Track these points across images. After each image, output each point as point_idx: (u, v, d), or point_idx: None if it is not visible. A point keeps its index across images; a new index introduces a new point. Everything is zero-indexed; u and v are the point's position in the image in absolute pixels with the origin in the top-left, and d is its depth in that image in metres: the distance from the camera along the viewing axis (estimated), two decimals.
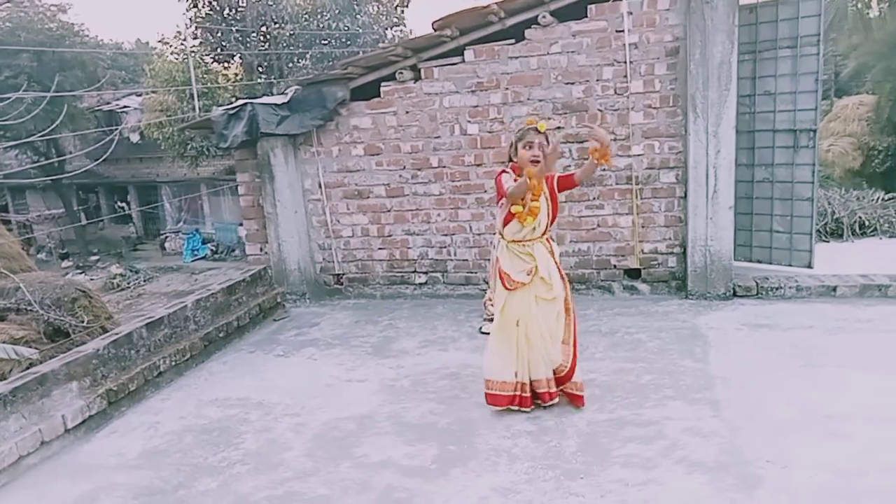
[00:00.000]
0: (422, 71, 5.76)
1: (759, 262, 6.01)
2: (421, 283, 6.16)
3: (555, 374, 3.66)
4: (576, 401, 3.71)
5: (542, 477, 3.07)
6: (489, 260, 5.80)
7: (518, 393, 3.66)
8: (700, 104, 5.13)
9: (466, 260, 6.00)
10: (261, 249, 6.48)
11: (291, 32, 20.27)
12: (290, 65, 21.34)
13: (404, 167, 5.95)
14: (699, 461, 3.09)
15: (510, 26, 5.51)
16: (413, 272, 6.17)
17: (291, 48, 20.67)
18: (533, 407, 3.69)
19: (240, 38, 20.71)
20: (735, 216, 5.38)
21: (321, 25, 20.14)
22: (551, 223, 3.73)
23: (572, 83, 5.47)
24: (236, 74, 22.54)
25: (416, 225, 6.05)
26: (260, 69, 21.39)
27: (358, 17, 20.12)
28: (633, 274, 5.69)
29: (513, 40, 5.52)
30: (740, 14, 5.13)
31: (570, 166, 5.59)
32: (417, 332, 5.24)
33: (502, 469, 3.18)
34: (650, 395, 3.81)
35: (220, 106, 6.86)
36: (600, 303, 5.53)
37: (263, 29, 20.90)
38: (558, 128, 5.55)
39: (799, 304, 5.16)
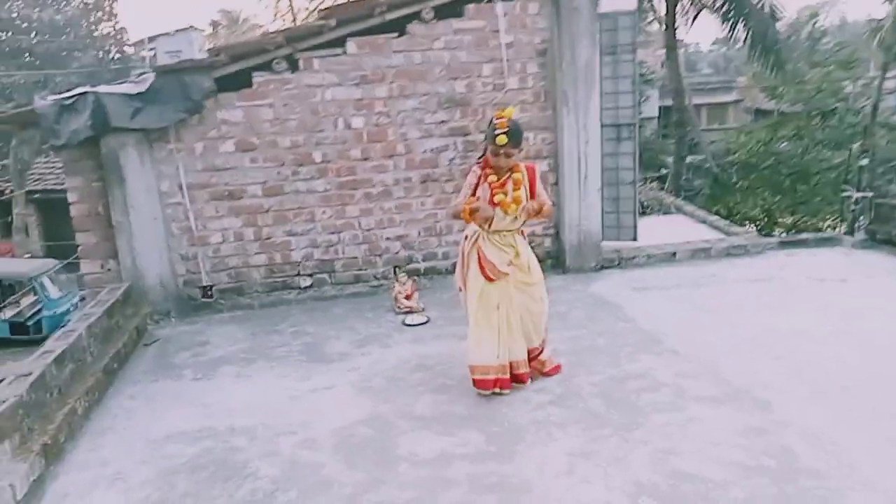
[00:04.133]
0: (300, 61, 5.44)
1: None
2: (306, 287, 5.81)
3: (528, 354, 3.84)
4: (553, 370, 3.93)
5: (601, 435, 3.28)
6: (379, 255, 5.77)
7: (501, 375, 3.74)
8: (571, 100, 5.75)
9: (356, 257, 5.83)
10: (102, 266, 5.46)
11: None
12: None
13: (283, 163, 5.56)
14: (711, 396, 3.59)
15: (389, 20, 5.52)
16: (297, 275, 5.78)
17: None
18: (512, 388, 3.77)
19: None
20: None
21: (14, 14, 17.02)
22: None
23: (455, 78, 5.69)
24: None
25: (299, 224, 5.68)
26: None
27: (64, 8, 17.43)
28: None
29: (396, 34, 5.53)
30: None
31: (454, 158, 5.81)
32: (336, 334, 4.97)
33: (560, 436, 3.30)
34: (617, 353, 4.25)
35: None
36: None
37: None
38: (443, 122, 5.73)
39: (654, 269, 6.12)
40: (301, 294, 5.80)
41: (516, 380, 3.80)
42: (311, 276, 5.80)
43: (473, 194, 3.68)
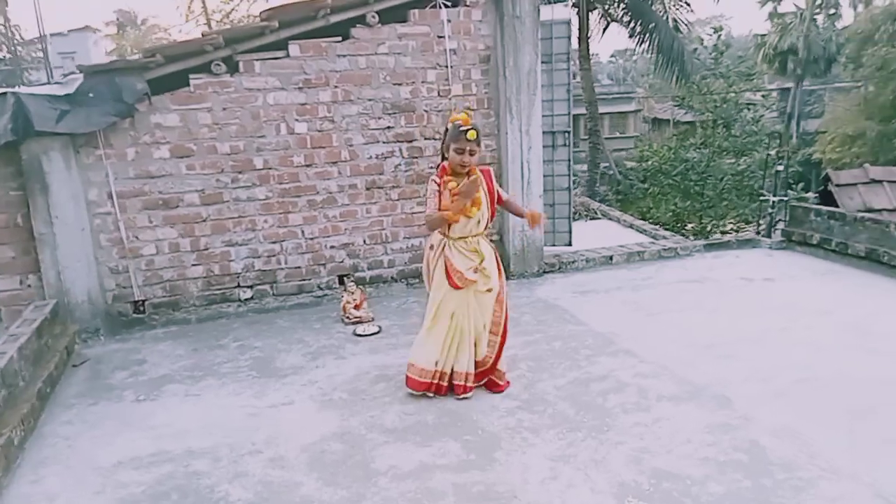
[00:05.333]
0: (240, 64, 5.22)
1: None
2: (247, 299, 5.57)
3: (477, 366, 3.81)
4: (495, 388, 3.84)
5: (577, 438, 3.32)
6: (323, 265, 5.63)
7: (436, 381, 3.76)
8: (514, 106, 5.82)
9: (299, 267, 5.64)
10: (21, 283, 5.03)
11: None
12: None
13: (222, 170, 5.31)
14: (673, 395, 3.71)
15: (333, 23, 5.40)
16: (237, 287, 5.53)
17: None
18: (444, 395, 3.78)
19: None
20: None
21: None
22: (491, 218, 3.82)
23: (400, 84, 5.63)
24: None
25: (238, 234, 5.44)
26: None
27: None
28: None
29: (339, 38, 5.42)
30: None
31: (399, 165, 5.75)
32: (286, 347, 4.80)
33: (536, 442, 3.31)
34: (575, 356, 4.32)
35: None
36: None
37: None
38: (388, 127, 5.66)
39: (594, 273, 6.27)
40: (241, 307, 5.56)
41: (453, 391, 3.79)
42: (251, 287, 5.57)
43: (439, 201, 3.65)
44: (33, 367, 3.88)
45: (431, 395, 3.78)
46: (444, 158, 3.72)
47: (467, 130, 3.51)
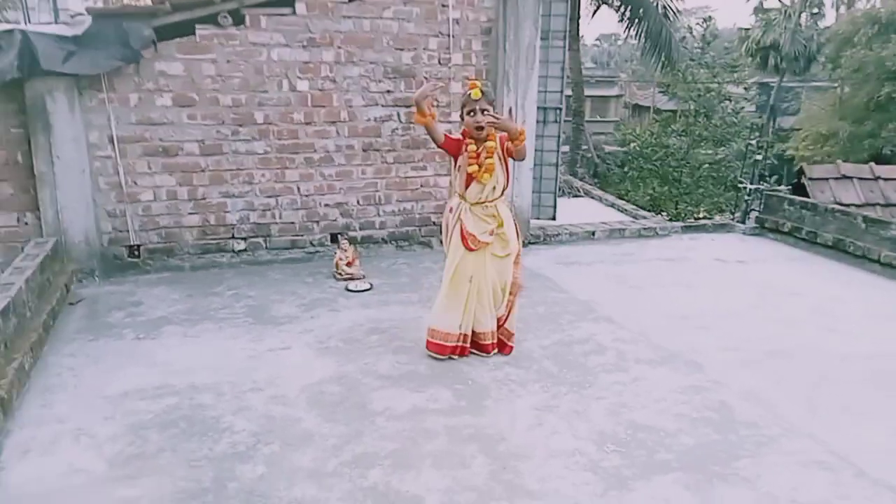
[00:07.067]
0: (246, 18, 5.29)
1: None
2: (240, 250, 5.69)
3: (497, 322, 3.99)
4: (503, 349, 4.01)
5: (560, 392, 3.55)
6: (317, 222, 5.76)
7: (460, 344, 3.92)
8: (512, 79, 5.97)
9: (293, 222, 5.77)
10: (18, 220, 5.08)
11: None
12: None
13: (223, 122, 5.39)
14: (649, 359, 3.96)
15: None
16: (231, 238, 5.65)
17: None
18: (468, 355, 3.95)
19: None
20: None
21: None
22: (507, 182, 3.95)
23: (402, 49, 5.74)
24: None
25: (236, 186, 5.55)
26: None
27: None
28: None
29: None
30: None
31: (397, 129, 5.88)
32: (280, 297, 4.95)
33: (522, 393, 3.54)
34: (559, 321, 4.56)
35: None
36: (431, 256, 5.99)
37: None
38: (388, 91, 5.78)
39: (578, 247, 6.52)
40: (234, 258, 5.68)
41: (479, 349, 3.97)
42: (245, 239, 5.69)
43: (449, 142, 3.79)
44: (38, 300, 3.99)
45: (455, 357, 3.89)
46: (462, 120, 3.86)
47: (472, 90, 3.67)
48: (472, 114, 3.72)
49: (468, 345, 3.95)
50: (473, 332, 3.96)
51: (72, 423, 3.19)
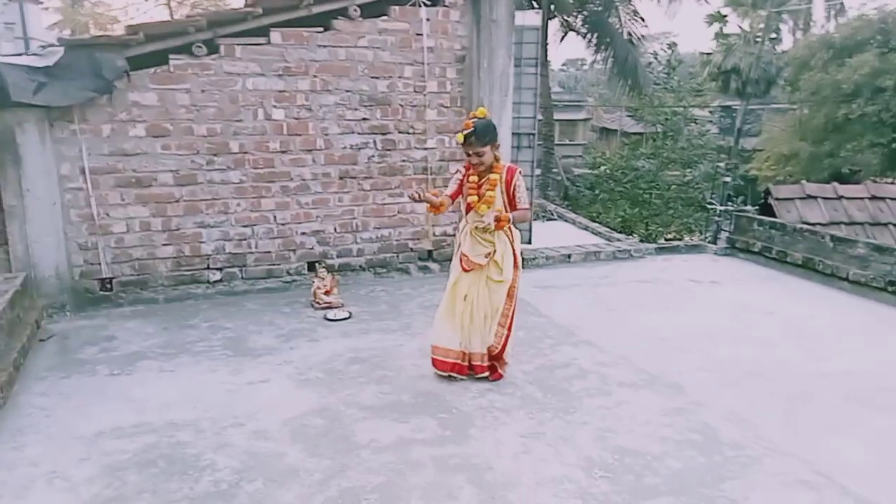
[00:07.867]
0: (221, 47, 5.27)
1: None
2: (216, 281, 5.61)
3: (488, 351, 3.98)
4: (494, 375, 3.99)
5: (545, 418, 3.55)
6: (293, 250, 5.73)
7: (460, 361, 3.94)
8: (486, 106, 6.02)
9: (269, 252, 5.72)
10: None
11: None
12: None
13: (198, 152, 5.35)
14: (631, 382, 3.99)
15: (315, 13, 5.51)
16: (206, 269, 5.57)
17: None
18: (467, 375, 3.97)
19: None
20: None
21: None
22: (511, 212, 3.89)
23: (378, 77, 5.77)
24: None
25: (211, 216, 5.48)
26: None
27: None
28: (425, 255, 6.30)
29: (321, 28, 5.52)
30: None
31: (373, 156, 5.90)
32: (257, 329, 4.88)
33: (507, 420, 3.53)
34: (539, 345, 4.57)
35: None
36: (410, 283, 5.97)
37: None
38: (364, 119, 5.80)
39: (553, 270, 6.56)
40: (209, 288, 5.59)
41: (473, 370, 3.97)
42: (220, 270, 5.62)
43: (459, 190, 3.89)
44: (8, 338, 3.87)
45: (456, 375, 3.91)
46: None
47: (458, 133, 3.72)
48: (467, 154, 3.80)
49: (466, 363, 3.95)
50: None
51: (45, 465, 3.08)
